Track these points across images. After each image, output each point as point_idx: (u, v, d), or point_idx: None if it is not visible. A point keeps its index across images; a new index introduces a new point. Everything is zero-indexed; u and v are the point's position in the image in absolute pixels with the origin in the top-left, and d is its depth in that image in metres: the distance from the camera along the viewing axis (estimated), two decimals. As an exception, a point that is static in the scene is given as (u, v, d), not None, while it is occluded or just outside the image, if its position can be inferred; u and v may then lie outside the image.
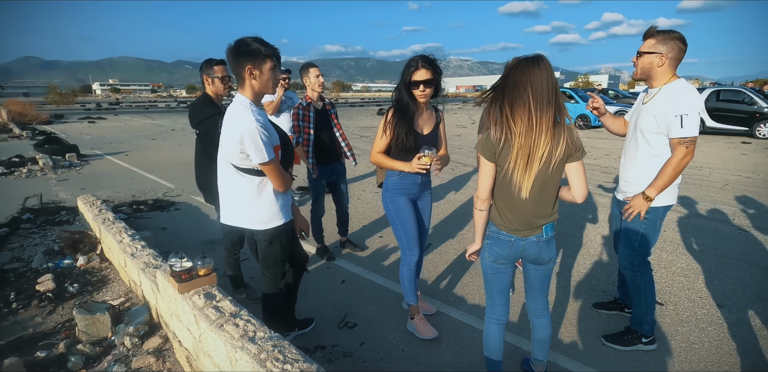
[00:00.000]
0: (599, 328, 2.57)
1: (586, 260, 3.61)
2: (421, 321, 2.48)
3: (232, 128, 1.75)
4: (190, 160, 9.45)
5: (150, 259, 2.69)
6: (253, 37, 1.75)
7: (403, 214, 2.38)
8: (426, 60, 2.16)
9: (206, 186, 2.75)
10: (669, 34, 1.98)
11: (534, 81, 1.52)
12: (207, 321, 1.72)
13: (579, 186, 1.67)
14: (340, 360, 2.24)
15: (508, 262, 1.81)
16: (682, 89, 1.98)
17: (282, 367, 1.40)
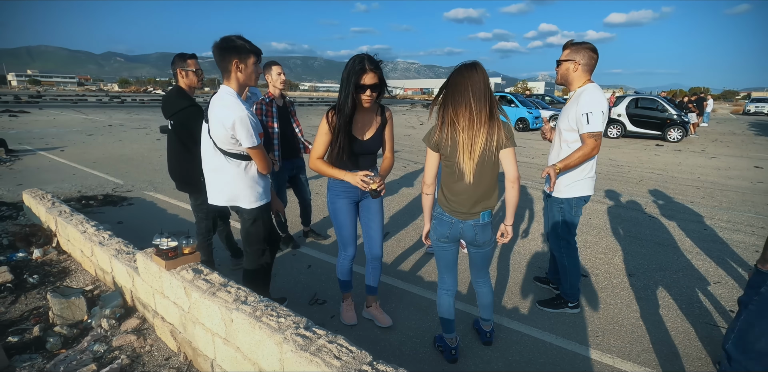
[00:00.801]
0: (536, 297, 3.00)
1: (528, 244, 4.09)
2: (375, 309, 2.64)
3: (223, 115, 1.93)
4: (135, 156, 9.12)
5: (121, 246, 2.76)
6: (237, 35, 1.96)
7: (339, 216, 2.38)
8: (373, 62, 2.02)
9: (180, 174, 2.85)
10: (581, 44, 2.43)
11: (473, 83, 1.83)
12: (198, 291, 1.89)
13: (511, 169, 1.98)
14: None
15: (449, 241, 2.12)
16: (589, 91, 2.40)
17: (277, 320, 1.62)
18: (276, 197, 2.44)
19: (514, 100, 16.29)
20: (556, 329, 2.59)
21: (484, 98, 1.85)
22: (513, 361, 2.28)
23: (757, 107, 31.11)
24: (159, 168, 7.29)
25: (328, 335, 1.54)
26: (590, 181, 2.57)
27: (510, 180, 2.00)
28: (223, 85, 2.05)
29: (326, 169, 2.19)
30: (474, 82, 1.83)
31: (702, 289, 3.16)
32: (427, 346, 2.40)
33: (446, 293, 2.22)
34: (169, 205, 5.11)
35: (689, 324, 2.67)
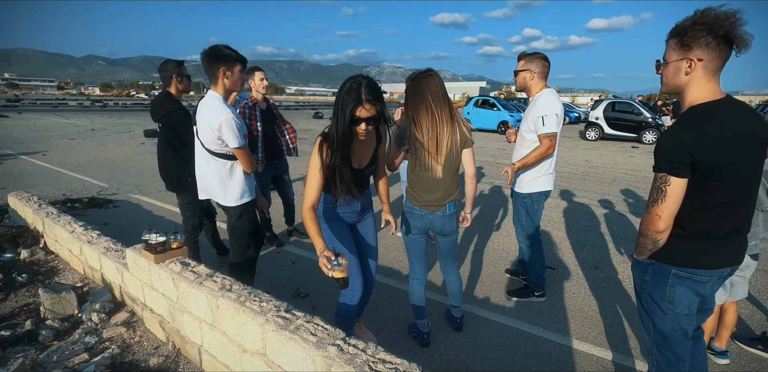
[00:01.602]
0: (506, 287, 3.20)
1: (500, 239, 4.30)
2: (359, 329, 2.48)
3: (211, 118, 2.10)
4: (119, 160, 9.15)
5: (110, 244, 2.87)
6: (224, 45, 2.14)
7: (337, 243, 2.08)
8: (371, 91, 1.72)
9: (167, 174, 2.98)
10: (534, 55, 2.65)
11: (430, 87, 2.02)
12: (186, 281, 2.03)
13: (470, 166, 2.21)
14: (295, 321, 2.63)
15: (420, 232, 2.31)
16: (545, 95, 2.63)
17: (259, 304, 1.78)
18: (260, 195, 2.59)
19: (496, 104, 16.67)
20: (523, 316, 2.79)
21: (443, 99, 2.04)
22: (481, 344, 2.47)
23: (730, 110, 32.23)
24: (144, 171, 7.34)
25: (306, 316, 1.70)
26: (550, 177, 2.80)
27: (469, 176, 2.23)
28: (210, 90, 2.22)
29: (311, 226, 1.78)
30: (431, 85, 2.02)
31: (659, 279, 3.40)
32: (401, 332, 2.57)
33: (417, 282, 2.40)
34: (154, 207, 5.19)
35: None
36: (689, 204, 1.41)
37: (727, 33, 1.29)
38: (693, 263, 1.47)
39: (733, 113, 1.37)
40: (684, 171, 1.35)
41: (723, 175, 1.36)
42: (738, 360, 2.35)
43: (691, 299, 1.51)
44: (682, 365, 1.59)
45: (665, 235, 1.45)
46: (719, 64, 1.36)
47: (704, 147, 1.32)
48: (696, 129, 1.35)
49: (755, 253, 2.16)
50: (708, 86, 1.39)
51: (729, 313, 2.28)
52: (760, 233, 2.11)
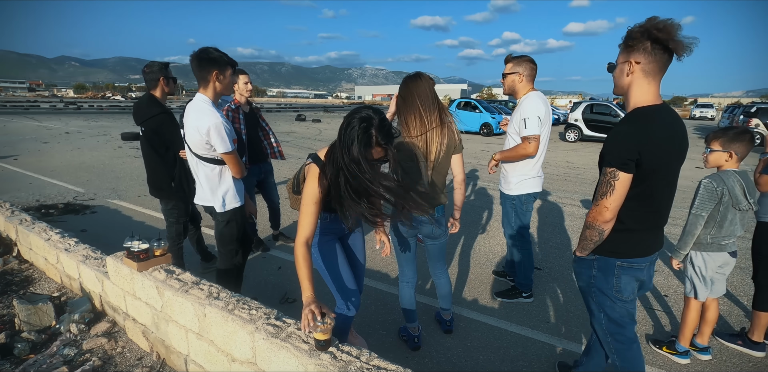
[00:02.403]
0: (493, 288, 3.23)
1: (487, 241, 4.34)
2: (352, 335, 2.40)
3: (199, 122, 2.05)
4: (96, 164, 8.91)
5: (89, 252, 2.78)
6: (213, 47, 2.09)
7: (331, 259, 1.99)
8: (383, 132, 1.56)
9: (151, 179, 2.91)
10: (521, 57, 2.69)
11: (419, 91, 2.02)
12: (171, 289, 1.98)
13: (459, 172, 2.22)
14: (284, 328, 2.59)
15: (408, 236, 2.31)
16: (529, 98, 2.65)
17: (248, 312, 1.74)
18: (249, 200, 2.55)
19: (479, 106, 16.86)
20: (511, 317, 2.81)
21: (432, 103, 2.04)
22: (471, 346, 2.47)
23: (702, 112, 33.39)
24: (122, 175, 7.15)
25: (297, 324, 1.67)
26: (538, 179, 2.84)
27: (457, 182, 2.24)
28: (198, 93, 2.17)
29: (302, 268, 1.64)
30: (420, 89, 2.02)
31: (641, 278, 3.48)
32: (392, 336, 2.56)
33: (407, 285, 2.39)
34: (134, 212, 5.06)
35: (628, 308, 2.96)
36: (631, 200, 1.53)
37: (660, 38, 1.40)
38: (633, 253, 1.61)
39: (669, 118, 1.51)
40: (631, 167, 1.47)
41: (659, 174, 1.50)
42: (719, 355, 2.42)
43: (634, 286, 1.67)
44: (635, 345, 1.74)
45: (610, 226, 1.56)
46: (655, 67, 1.46)
47: (650, 146, 1.44)
48: (644, 129, 1.47)
49: (734, 250, 2.23)
50: (648, 89, 1.50)
51: (710, 310, 2.34)
52: (737, 231, 2.18)
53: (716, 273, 2.26)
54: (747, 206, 2.11)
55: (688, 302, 2.34)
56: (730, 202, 2.12)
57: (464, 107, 17.36)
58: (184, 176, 2.91)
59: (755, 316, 2.43)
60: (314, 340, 1.48)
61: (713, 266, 2.24)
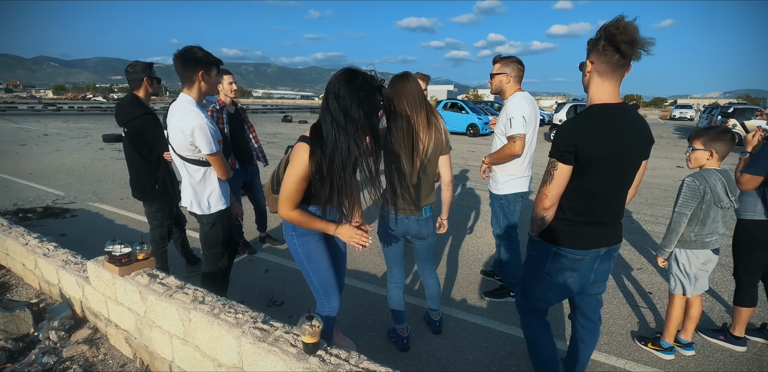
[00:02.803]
0: (482, 288, 3.24)
1: (475, 241, 4.35)
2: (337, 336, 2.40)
3: (183, 123, 2.00)
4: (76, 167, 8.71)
5: (69, 257, 2.70)
6: (197, 46, 2.04)
7: (316, 258, 1.91)
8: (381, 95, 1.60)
9: (134, 181, 2.84)
10: (509, 58, 2.71)
11: (406, 92, 2.00)
12: (155, 294, 1.93)
13: (446, 173, 2.21)
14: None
15: (396, 236, 2.29)
16: (516, 99, 2.67)
17: (235, 316, 1.71)
18: (235, 202, 2.51)
19: (465, 107, 16.97)
20: (500, 316, 2.82)
21: (419, 104, 2.03)
22: (460, 346, 2.47)
23: (681, 113, 34.18)
24: (104, 178, 6.99)
25: (284, 327, 1.65)
26: (526, 179, 2.86)
27: (445, 183, 2.23)
28: (182, 94, 2.12)
29: (309, 222, 1.71)
30: (406, 89, 2.01)
31: (626, 275, 3.54)
32: (381, 338, 2.55)
33: (395, 286, 2.38)
34: (116, 215, 4.94)
35: (614, 306, 3.00)
36: (571, 192, 1.63)
37: (609, 39, 1.45)
38: (568, 244, 1.69)
39: (619, 117, 1.56)
40: (569, 159, 1.55)
41: (598, 169, 1.56)
42: (702, 351, 2.46)
43: (567, 275, 1.73)
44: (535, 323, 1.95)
45: (549, 213, 1.67)
46: (607, 68, 1.51)
47: (585, 139, 1.52)
48: (582, 124, 1.57)
49: (716, 247, 2.27)
50: (602, 88, 1.56)
51: (694, 307, 2.38)
52: (720, 229, 2.23)
53: (700, 270, 2.30)
54: (728, 204, 2.15)
55: (673, 299, 2.38)
56: (712, 200, 2.16)
57: (451, 108, 17.46)
58: (168, 178, 2.85)
59: (736, 311, 2.48)
60: (302, 343, 1.46)
61: (697, 263, 2.28)
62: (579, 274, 1.74)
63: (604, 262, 1.76)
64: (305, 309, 2.85)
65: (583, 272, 1.74)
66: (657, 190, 7.08)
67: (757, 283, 2.45)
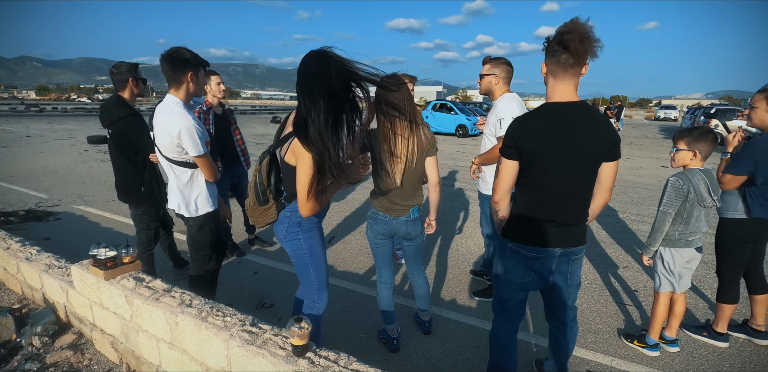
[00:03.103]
0: (471, 288, 3.25)
1: (464, 241, 4.38)
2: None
3: (170, 124, 1.97)
4: (60, 169, 8.57)
5: (52, 261, 2.65)
6: (184, 47, 2.02)
7: (317, 253, 1.95)
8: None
9: (120, 184, 2.79)
10: (499, 60, 2.73)
11: (387, 95, 1.97)
12: (141, 298, 1.90)
13: (433, 174, 2.21)
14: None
15: (385, 237, 2.29)
16: (505, 100, 2.69)
17: (223, 319, 1.69)
18: (223, 204, 2.48)
19: (454, 108, 17.05)
20: (489, 316, 2.83)
21: (402, 109, 2.01)
22: (450, 346, 2.48)
23: (666, 113, 34.76)
24: (88, 180, 6.87)
25: (273, 329, 1.64)
26: None
27: (432, 184, 2.24)
28: (169, 95, 2.09)
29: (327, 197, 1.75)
30: (390, 96, 1.99)
31: (613, 274, 3.59)
32: (371, 339, 2.55)
33: (385, 286, 2.38)
34: (101, 218, 4.86)
35: (601, 304, 3.04)
36: (523, 186, 1.68)
37: (558, 40, 1.49)
38: (519, 239, 1.73)
39: (567, 114, 1.57)
40: (510, 153, 1.62)
41: (542, 164, 1.58)
42: (686, 347, 2.51)
43: (524, 273, 1.75)
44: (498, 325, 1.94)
45: (500, 206, 1.74)
46: (559, 68, 1.55)
47: (525, 135, 1.57)
48: (524, 120, 1.62)
49: (700, 246, 2.31)
50: (556, 88, 1.59)
51: (678, 304, 2.43)
52: (703, 228, 2.27)
53: (683, 268, 2.34)
54: (711, 203, 2.20)
55: (658, 297, 2.42)
56: (695, 199, 2.20)
57: (440, 109, 17.52)
58: (154, 180, 2.82)
59: (719, 308, 2.53)
60: (291, 345, 1.46)
61: (681, 261, 2.32)
62: (536, 275, 1.74)
63: (562, 264, 1.72)
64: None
65: (541, 273, 1.73)
66: (642, 189, 7.20)
67: (739, 280, 2.51)
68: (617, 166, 1.68)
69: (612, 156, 1.63)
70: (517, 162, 1.63)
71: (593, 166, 1.63)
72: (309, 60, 1.50)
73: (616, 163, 1.66)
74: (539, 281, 1.77)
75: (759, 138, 2.27)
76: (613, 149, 1.62)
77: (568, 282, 1.77)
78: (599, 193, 1.72)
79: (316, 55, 1.49)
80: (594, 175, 1.66)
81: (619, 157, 1.65)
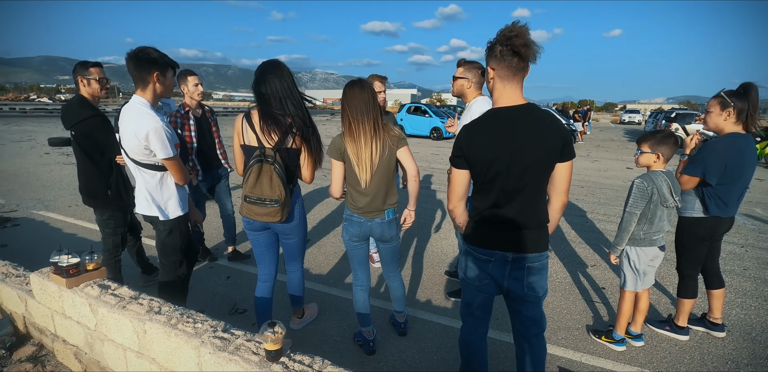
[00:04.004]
0: (446, 289, 3.29)
1: (437, 241, 4.42)
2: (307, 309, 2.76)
3: (136, 126, 1.91)
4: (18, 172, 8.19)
5: (9, 269, 2.52)
6: (152, 47, 1.96)
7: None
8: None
9: (84, 187, 2.68)
10: (472, 64, 2.78)
11: (349, 100, 2.03)
12: (106, 306, 1.83)
13: (410, 165, 2.14)
14: (234, 340, 2.48)
15: (360, 239, 2.29)
16: (478, 103, 2.73)
17: (193, 325, 1.65)
18: (194, 208, 2.42)
19: (428, 111, 17.22)
20: (463, 316, 2.87)
21: (365, 112, 2.02)
22: (425, 347, 2.50)
23: (630, 117, 36.21)
24: (50, 184, 6.57)
25: (246, 335, 1.61)
26: None
27: (411, 175, 2.16)
28: (135, 96, 2.02)
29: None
30: (351, 98, 2.02)
31: (582, 272, 3.70)
32: (347, 342, 2.53)
33: (360, 289, 2.38)
34: (64, 224, 4.66)
35: (570, 301, 3.13)
36: (476, 191, 1.69)
37: (506, 43, 1.48)
38: (472, 241, 1.73)
39: (512, 118, 1.54)
40: (459, 163, 1.64)
41: (487, 171, 1.58)
42: (650, 341, 2.62)
43: (480, 275, 1.72)
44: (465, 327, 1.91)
45: (456, 214, 1.78)
46: (508, 72, 1.53)
47: (470, 143, 1.58)
48: (470, 128, 1.61)
49: (662, 245, 2.42)
50: (503, 92, 1.57)
51: (642, 300, 2.53)
52: (665, 227, 2.38)
53: (648, 266, 2.44)
54: (673, 203, 2.31)
55: (623, 294, 2.51)
56: (659, 200, 2.30)
57: (414, 112, 17.67)
58: (121, 183, 2.72)
59: (680, 303, 2.65)
60: (264, 350, 1.44)
61: (645, 260, 2.42)
62: (491, 279, 1.69)
63: (517, 271, 1.65)
64: (271, 315, 2.79)
65: (494, 277, 1.69)
66: (609, 190, 7.47)
67: (697, 276, 2.63)
68: (571, 166, 1.60)
69: (564, 156, 1.56)
70: (467, 170, 1.64)
71: (543, 168, 1.57)
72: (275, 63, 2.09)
73: (570, 163, 1.58)
74: (494, 285, 1.71)
75: (712, 141, 2.40)
76: (565, 149, 1.54)
77: (525, 291, 1.67)
78: (555, 196, 1.66)
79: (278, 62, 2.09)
80: (545, 178, 1.60)
81: (571, 157, 1.57)
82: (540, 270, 1.67)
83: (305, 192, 6.53)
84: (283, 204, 2.06)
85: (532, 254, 1.64)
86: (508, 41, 1.47)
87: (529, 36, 1.47)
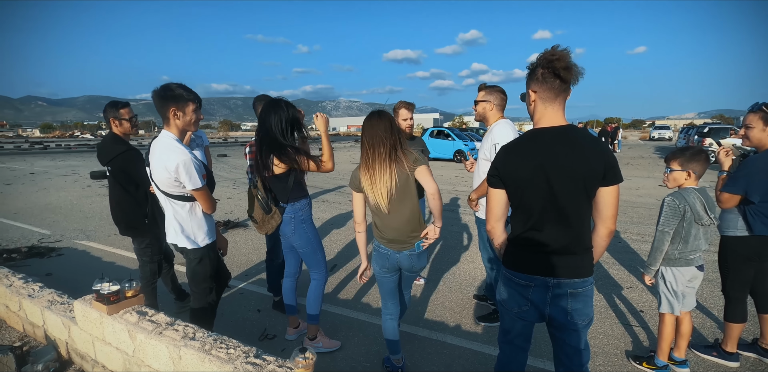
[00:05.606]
0: (476, 313, 3.22)
1: (464, 265, 4.36)
2: (323, 337, 2.74)
3: (167, 159, 2.02)
4: (63, 205, 8.63)
5: (54, 297, 2.65)
6: (177, 83, 2.11)
7: (319, 239, 2.67)
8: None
9: (122, 218, 2.83)
10: (494, 88, 2.84)
11: (366, 130, 2.11)
12: (144, 332, 1.90)
13: (429, 185, 2.07)
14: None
15: (389, 271, 2.28)
16: (500, 126, 2.77)
17: (227, 351, 1.69)
18: (221, 235, 2.52)
19: (451, 134, 17.34)
20: (494, 341, 2.79)
21: (381, 142, 2.06)
22: (456, 374, 2.44)
23: (660, 134, 35.24)
24: (91, 215, 6.91)
25: (277, 361, 1.63)
26: None
27: (430, 193, 2.11)
28: (163, 130, 2.16)
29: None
30: (366, 128, 2.10)
31: (617, 294, 3.56)
32: (376, 367, 2.50)
33: (390, 318, 2.37)
34: (104, 253, 4.87)
35: (607, 326, 3.00)
36: (513, 213, 1.66)
37: (547, 66, 1.50)
38: (512, 265, 1.67)
39: (551, 139, 1.52)
40: (495, 182, 1.63)
41: (525, 191, 1.56)
42: (696, 367, 2.46)
43: (519, 301, 1.65)
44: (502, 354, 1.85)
45: (494, 234, 1.74)
46: (550, 94, 1.54)
47: (506, 163, 1.58)
48: (508, 148, 1.62)
49: (700, 264, 2.32)
50: (544, 113, 1.57)
51: (684, 323, 2.41)
52: (702, 246, 2.29)
53: (686, 287, 2.34)
54: (709, 221, 2.22)
55: (663, 317, 2.40)
56: (692, 217, 2.23)
57: (437, 136, 17.81)
58: (157, 212, 2.86)
59: (727, 327, 2.50)
60: None
61: (683, 280, 2.32)
62: (532, 305, 1.63)
63: (559, 298, 1.58)
64: (299, 341, 2.80)
65: (536, 303, 1.62)
66: (642, 209, 7.22)
67: (746, 298, 2.49)
68: (617, 191, 1.51)
69: (608, 180, 1.49)
70: (503, 190, 1.62)
71: (584, 191, 1.50)
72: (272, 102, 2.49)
73: (615, 188, 1.50)
74: (535, 312, 1.64)
75: (754, 156, 2.31)
76: (609, 173, 1.48)
77: (568, 319, 1.59)
78: (600, 222, 1.57)
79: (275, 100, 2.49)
80: (587, 201, 1.53)
81: (618, 182, 1.50)
82: (584, 296, 1.59)
83: (336, 213, 6.62)
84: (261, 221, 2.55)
85: (574, 280, 1.57)
86: (549, 64, 1.49)
87: (570, 59, 1.48)
